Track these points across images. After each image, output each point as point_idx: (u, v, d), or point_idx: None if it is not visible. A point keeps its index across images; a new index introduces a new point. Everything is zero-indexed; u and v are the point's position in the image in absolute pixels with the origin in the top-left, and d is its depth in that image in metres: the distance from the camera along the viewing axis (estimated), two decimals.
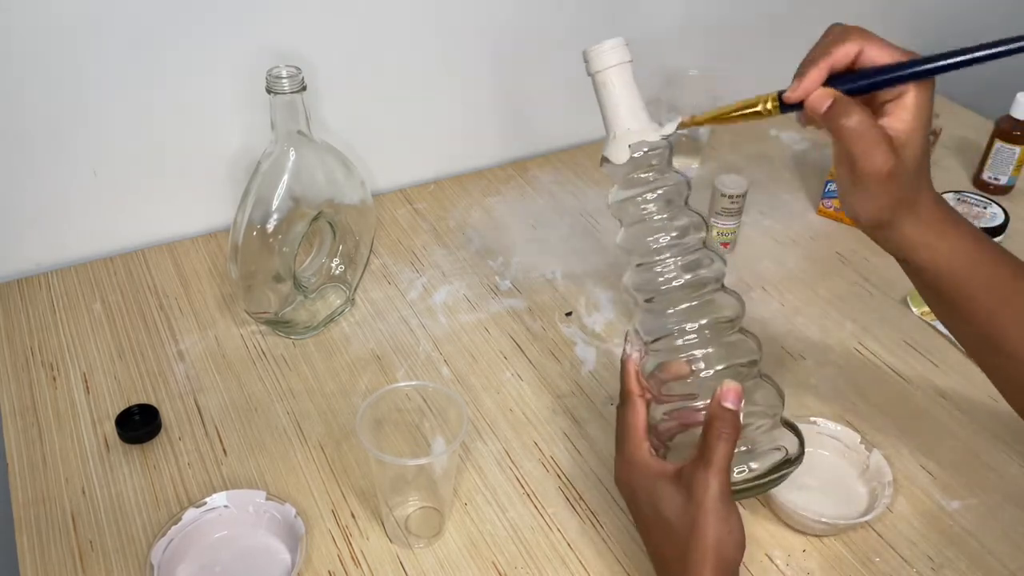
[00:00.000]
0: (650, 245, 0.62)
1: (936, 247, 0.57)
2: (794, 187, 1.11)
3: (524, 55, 1.08)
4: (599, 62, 0.61)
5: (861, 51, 0.54)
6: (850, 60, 0.54)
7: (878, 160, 0.53)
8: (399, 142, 1.07)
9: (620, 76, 0.61)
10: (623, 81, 0.61)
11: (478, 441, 0.77)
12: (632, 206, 0.62)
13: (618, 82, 0.61)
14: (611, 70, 0.61)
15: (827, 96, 0.53)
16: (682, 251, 0.62)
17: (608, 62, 0.60)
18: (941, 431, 0.79)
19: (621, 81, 0.61)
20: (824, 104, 0.53)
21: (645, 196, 0.62)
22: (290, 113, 0.77)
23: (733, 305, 0.63)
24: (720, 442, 0.54)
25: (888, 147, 0.53)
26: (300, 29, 0.93)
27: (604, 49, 0.60)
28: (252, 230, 0.79)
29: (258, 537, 0.68)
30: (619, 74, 0.61)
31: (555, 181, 1.12)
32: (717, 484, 0.53)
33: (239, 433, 0.77)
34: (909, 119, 0.54)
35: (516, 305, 0.92)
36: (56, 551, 0.67)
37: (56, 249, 0.95)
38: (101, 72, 0.86)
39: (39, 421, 0.77)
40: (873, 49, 0.54)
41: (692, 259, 0.62)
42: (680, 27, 1.16)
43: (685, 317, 0.61)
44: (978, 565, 0.68)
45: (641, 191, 0.62)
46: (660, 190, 0.62)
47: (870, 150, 0.53)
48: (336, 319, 0.89)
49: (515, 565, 0.67)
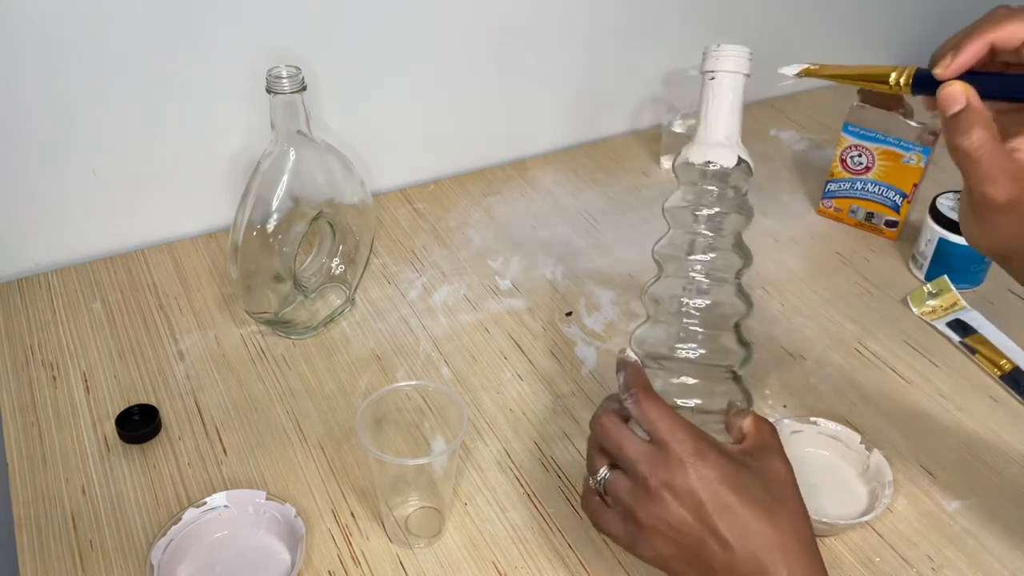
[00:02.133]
0: (682, 260, 0.61)
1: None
2: (794, 187, 1.11)
3: (524, 55, 1.08)
4: (719, 63, 0.59)
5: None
6: (1016, 45, 0.47)
7: (993, 188, 0.48)
8: (399, 142, 1.07)
9: (733, 84, 0.59)
10: (734, 90, 0.59)
11: (478, 441, 0.77)
12: (684, 215, 0.62)
13: (729, 90, 0.59)
14: (727, 75, 0.59)
15: (958, 98, 0.47)
16: (711, 278, 0.62)
17: (727, 67, 0.59)
18: (941, 431, 0.79)
19: (732, 90, 0.59)
20: (953, 107, 0.47)
21: (700, 210, 0.61)
22: (290, 113, 0.77)
23: (736, 354, 0.64)
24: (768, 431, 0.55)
25: (1010, 176, 0.47)
26: (300, 29, 0.93)
27: (727, 53, 0.58)
28: (252, 230, 0.79)
29: (258, 537, 0.68)
30: (732, 82, 0.59)
31: (555, 181, 1.12)
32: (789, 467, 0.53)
33: (239, 433, 0.77)
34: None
35: (516, 305, 0.92)
36: (56, 550, 0.67)
37: (56, 249, 0.95)
38: (101, 72, 0.86)
39: (39, 420, 0.77)
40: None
41: (716, 287, 0.62)
42: (680, 27, 1.16)
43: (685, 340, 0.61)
44: (978, 565, 0.68)
45: (698, 205, 0.61)
46: (715, 209, 0.61)
47: (988, 176, 0.48)
48: (336, 319, 0.89)
49: (515, 565, 0.67)
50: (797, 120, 1.25)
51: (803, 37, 1.27)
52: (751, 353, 0.65)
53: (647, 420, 0.51)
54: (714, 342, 0.63)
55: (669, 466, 0.49)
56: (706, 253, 0.61)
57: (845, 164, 1.02)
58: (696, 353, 0.62)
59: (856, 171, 1.01)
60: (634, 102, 1.20)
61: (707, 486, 0.48)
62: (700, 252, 0.61)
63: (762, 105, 1.28)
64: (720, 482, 0.49)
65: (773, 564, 0.48)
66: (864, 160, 1.00)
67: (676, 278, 0.63)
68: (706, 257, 0.62)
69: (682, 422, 0.51)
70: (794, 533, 0.49)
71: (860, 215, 1.03)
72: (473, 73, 1.07)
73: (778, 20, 1.23)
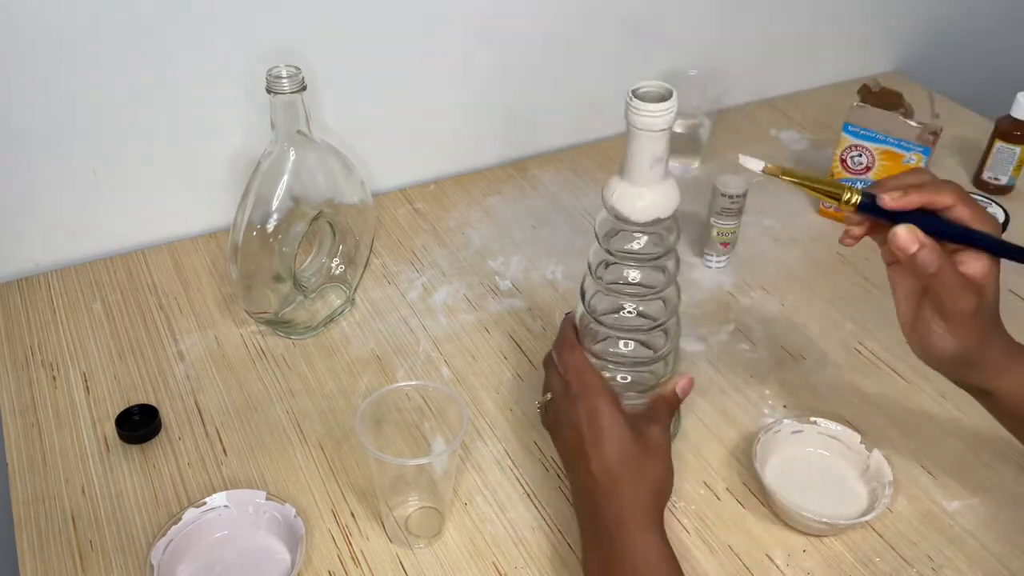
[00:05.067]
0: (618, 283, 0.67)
1: (1016, 374, 0.60)
2: (794, 187, 1.11)
3: (525, 55, 1.08)
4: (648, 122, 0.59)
5: (954, 207, 0.58)
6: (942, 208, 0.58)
7: (963, 302, 0.57)
8: (399, 142, 1.07)
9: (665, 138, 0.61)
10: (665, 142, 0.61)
11: (478, 441, 0.77)
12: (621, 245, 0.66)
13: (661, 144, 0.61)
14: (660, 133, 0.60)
15: (913, 241, 0.56)
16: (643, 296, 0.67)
17: (658, 126, 0.59)
18: (941, 431, 0.79)
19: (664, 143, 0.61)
20: (912, 247, 0.56)
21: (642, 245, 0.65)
22: (290, 113, 0.77)
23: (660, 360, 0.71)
24: (666, 413, 0.68)
25: (972, 289, 0.57)
26: (300, 29, 0.93)
27: (656, 112, 0.59)
28: (252, 230, 0.79)
29: (258, 537, 0.68)
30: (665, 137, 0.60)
31: (555, 181, 1.12)
32: (667, 439, 0.67)
33: (239, 433, 0.77)
34: (984, 267, 0.58)
35: (516, 305, 0.92)
36: (56, 550, 0.67)
37: (56, 249, 0.95)
38: (101, 72, 0.86)
39: (39, 421, 0.77)
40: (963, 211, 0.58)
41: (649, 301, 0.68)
42: (681, 27, 1.16)
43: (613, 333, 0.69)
44: (978, 565, 0.68)
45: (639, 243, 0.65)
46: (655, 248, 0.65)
47: (957, 294, 0.57)
48: (336, 319, 0.89)
49: (515, 565, 0.67)
50: (797, 120, 1.25)
51: (803, 37, 1.27)
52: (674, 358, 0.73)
53: (561, 364, 0.69)
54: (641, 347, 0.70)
55: (567, 397, 0.67)
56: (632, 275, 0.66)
57: (845, 164, 1.02)
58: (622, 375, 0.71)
59: (856, 171, 1.01)
60: None
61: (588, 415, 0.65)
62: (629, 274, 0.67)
63: (762, 105, 1.27)
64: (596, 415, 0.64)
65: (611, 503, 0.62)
66: (864, 160, 1.00)
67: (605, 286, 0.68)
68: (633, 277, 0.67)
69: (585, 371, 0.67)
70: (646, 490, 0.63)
71: None
72: (473, 73, 1.07)
73: (778, 20, 1.23)
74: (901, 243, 0.57)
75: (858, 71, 1.33)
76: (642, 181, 0.62)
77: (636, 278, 0.66)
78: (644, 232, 0.64)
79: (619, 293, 0.67)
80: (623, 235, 0.65)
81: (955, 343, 0.59)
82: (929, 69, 1.39)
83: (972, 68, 1.46)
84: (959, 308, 0.57)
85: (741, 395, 0.82)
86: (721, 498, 0.73)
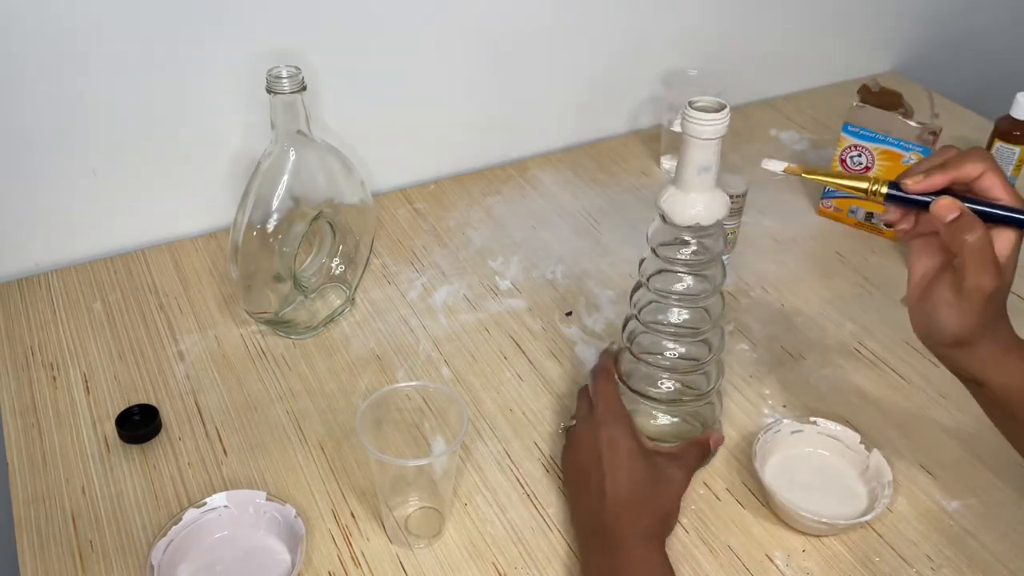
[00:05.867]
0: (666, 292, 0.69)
1: (1011, 368, 0.60)
2: (794, 187, 1.11)
3: (524, 55, 1.08)
4: (701, 131, 0.62)
5: (983, 174, 0.57)
6: (972, 178, 0.57)
7: (987, 278, 0.55)
8: (399, 142, 1.07)
9: (717, 147, 0.63)
10: (717, 151, 0.64)
11: (478, 441, 0.77)
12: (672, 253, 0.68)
13: (712, 152, 0.63)
14: (712, 141, 0.63)
15: (954, 207, 0.56)
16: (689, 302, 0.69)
17: (709, 135, 0.62)
18: (941, 431, 0.79)
19: (715, 151, 0.63)
20: (951, 214, 0.56)
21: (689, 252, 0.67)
22: (290, 113, 0.77)
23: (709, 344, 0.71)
24: (695, 457, 0.71)
25: (998, 268, 0.56)
26: (300, 29, 0.93)
27: (710, 121, 0.62)
28: (252, 230, 0.79)
29: (258, 538, 0.68)
30: (717, 145, 0.63)
31: (555, 181, 1.12)
32: (685, 480, 0.69)
33: (239, 433, 0.77)
34: (1007, 249, 0.57)
35: (516, 305, 0.92)
36: (56, 551, 0.67)
37: (56, 249, 0.95)
38: (101, 72, 0.86)
39: (39, 421, 0.77)
40: (993, 178, 0.57)
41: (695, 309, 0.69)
42: (681, 27, 1.16)
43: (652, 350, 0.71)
44: (978, 565, 0.68)
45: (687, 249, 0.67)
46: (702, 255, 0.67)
47: (986, 268, 0.55)
48: (336, 319, 0.89)
49: (515, 566, 0.67)
50: (797, 120, 1.25)
51: (803, 37, 1.27)
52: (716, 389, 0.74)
53: (593, 391, 0.72)
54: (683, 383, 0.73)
55: (590, 421, 0.70)
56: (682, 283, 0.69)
57: (845, 164, 1.02)
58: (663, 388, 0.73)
59: (856, 171, 1.01)
60: (634, 102, 1.20)
61: (607, 445, 0.67)
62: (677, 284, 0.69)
63: (762, 105, 1.28)
64: (615, 442, 0.67)
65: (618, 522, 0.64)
66: (864, 160, 1.00)
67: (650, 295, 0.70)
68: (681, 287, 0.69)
69: (612, 400, 0.70)
70: (652, 516, 0.65)
71: (860, 215, 1.03)
72: (473, 73, 1.07)
73: (778, 20, 1.23)
74: (942, 209, 0.56)
75: (858, 71, 1.33)
76: (690, 187, 0.65)
77: (683, 287, 0.69)
78: (688, 237, 0.67)
79: (667, 301, 0.69)
80: (670, 241, 0.68)
81: (960, 322, 0.58)
82: (929, 69, 1.39)
83: (972, 68, 1.46)
84: (980, 284, 0.56)
85: (741, 395, 0.82)
86: (721, 498, 0.73)
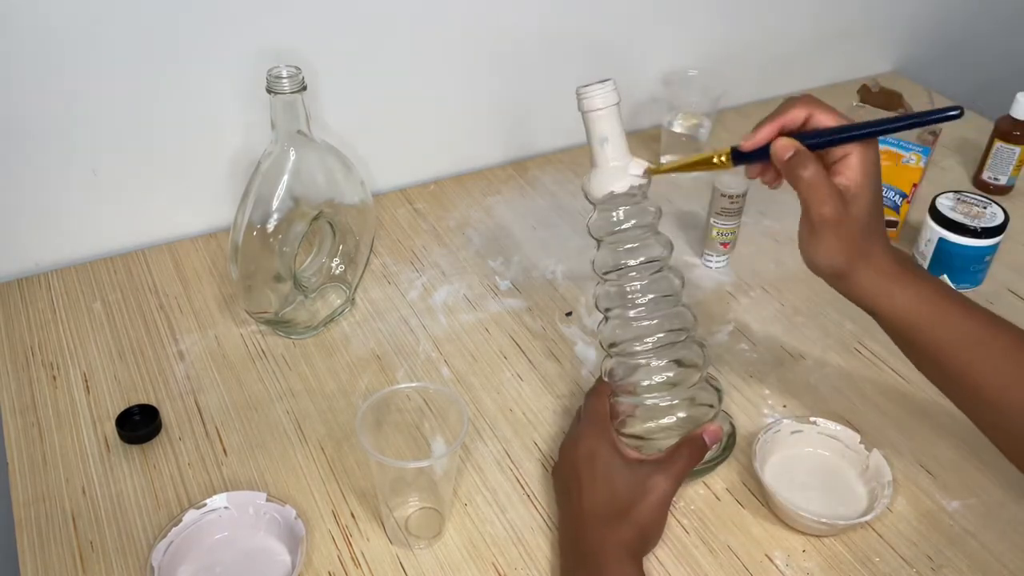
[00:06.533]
0: (620, 265, 0.69)
1: (895, 296, 0.62)
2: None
3: (524, 55, 1.08)
4: (590, 103, 0.66)
5: (810, 115, 0.60)
6: (799, 122, 0.61)
7: (827, 208, 0.59)
8: (399, 142, 1.07)
9: (609, 118, 0.66)
10: (611, 122, 0.66)
11: (478, 441, 0.77)
12: (607, 229, 0.69)
13: (606, 123, 0.66)
14: (600, 112, 0.66)
15: (790, 146, 0.59)
16: (647, 272, 0.69)
17: (597, 104, 0.66)
18: (941, 431, 0.79)
19: (609, 122, 0.66)
20: (787, 153, 0.59)
21: (621, 222, 0.69)
22: (290, 113, 0.77)
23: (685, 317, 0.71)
24: (684, 459, 0.67)
25: (838, 198, 0.59)
26: (300, 29, 0.93)
27: (595, 92, 0.66)
28: (252, 230, 0.79)
29: (258, 539, 0.68)
30: (608, 116, 0.66)
31: (555, 181, 1.12)
32: (670, 487, 0.65)
33: (239, 433, 0.77)
34: (856, 176, 0.59)
35: (516, 305, 0.92)
36: (56, 551, 0.67)
37: (56, 249, 0.95)
38: (101, 72, 0.86)
39: (39, 421, 0.77)
40: (820, 114, 0.60)
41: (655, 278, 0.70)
42: (681, 27, 1.16)
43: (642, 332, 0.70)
44: (978, 565, 0.68)
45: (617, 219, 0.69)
46: (633, 220, 0.69)
47: (823, 199, 0.59)
48: (336, 319, 0.89)
49: (515, 566, 0.67)
50: None
51: (803, 37, 1.27)
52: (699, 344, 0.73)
53: (584, 405, 0.73)
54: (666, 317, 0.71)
55: (576, 432, 0.71)
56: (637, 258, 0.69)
57: None
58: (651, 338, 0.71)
59: None
60: (634, 102, 1.20)
61: (585, 459, 0.67)
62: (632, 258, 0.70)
63: (762, 105, 1.27)
64: (594, 456, 0.67)
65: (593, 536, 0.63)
66: None
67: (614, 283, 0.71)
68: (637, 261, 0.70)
69: (595, 414, 0.70)
70: (629, 531, 0.63)
71: None
72: (473, 73, 1.07)
73: (778, 21, 1.23)
74: (780, 150, 0.59)
75: (858, 71, 1.33)
76: (597, 160, 0.67)
77: (635, 261, 0.69)
78: (610, 209, 0.68)
79: (624, 280, 0.70)
80: (603, 224, 0.69)
81: (825, 254, 0.61)
82: (929, 69, 1.39)
83: (972, 68, 1.46)
84: (822, 215, 0.59)
85: (741, 395, 0.82)
86: (721, 498, 0.73)
